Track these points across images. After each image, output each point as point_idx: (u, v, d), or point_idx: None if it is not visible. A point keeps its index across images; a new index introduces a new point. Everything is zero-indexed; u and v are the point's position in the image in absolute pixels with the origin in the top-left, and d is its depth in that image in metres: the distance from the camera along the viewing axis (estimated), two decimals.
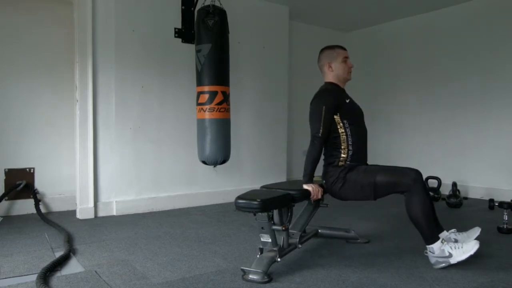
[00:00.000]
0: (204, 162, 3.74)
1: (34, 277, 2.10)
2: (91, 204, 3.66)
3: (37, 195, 3.77)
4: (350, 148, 2.50)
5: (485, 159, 4.48)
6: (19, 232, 3.09)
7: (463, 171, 4.63)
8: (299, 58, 5.51)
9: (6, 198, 3.66)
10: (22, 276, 2.16)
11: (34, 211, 3.67)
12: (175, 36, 4.09)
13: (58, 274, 2.22)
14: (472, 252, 2.24)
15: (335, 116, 2.50)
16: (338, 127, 2.50)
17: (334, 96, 2.54)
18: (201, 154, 3.69)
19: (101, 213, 3.70)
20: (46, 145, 3.87)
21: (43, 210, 3.74)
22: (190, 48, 4.05)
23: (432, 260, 2.29)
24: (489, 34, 4.46)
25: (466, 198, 4.43)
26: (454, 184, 4.23)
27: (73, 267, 2.34)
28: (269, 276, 2.12)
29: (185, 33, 4.14)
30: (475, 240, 2.29)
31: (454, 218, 3.57)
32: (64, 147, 3.93)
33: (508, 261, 2.42)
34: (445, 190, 4.36)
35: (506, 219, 3.07)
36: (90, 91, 3.64)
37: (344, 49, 2.66)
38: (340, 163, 2.50)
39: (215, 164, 3.73)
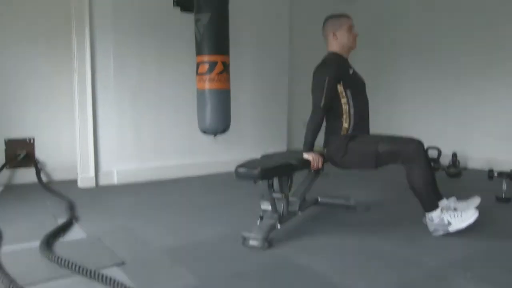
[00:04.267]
0: (204, 132, 3.73)
1: (37, 243, 2.12)
2: (92, 173, 3.67)
3: (38, 164, 3.78)
4: (352, 118, 2.49)
5: (486, 130, 4.47)
6: (21, 201, 3.12)
7: (463, 142, 4.63)
8: (301, 28, 5.40)
9: (7, 167, 3.67)
10: (25, 242, 2.19)
11: (35, 180, 3.69)
12: (174, 5, 4.01)
13: (61, 240, 2.25)
14: (471, 221, 2.26)
15: (338, 85, 2.47)
16: (341, 97, 2.48)
17: (337, 67, 2.50)
18: (201, 124, 3.67)
19: (102, 182, 3.73)
20: (46, 115, 3.85)
21: (44, 179, 3.76)
22: (190, 17, 3.96)
23: (431, 228, 2.32)
24: (493, 2, 4.36)
25: (465, 169, 4.45)
26: (454, 155, 4.24)
27: (76, 233, 2.37)
28: (269, 243, 2.15)
29: (184, 2, 4.04)
30: (474, 209, 2.31)
31: (453, 188, 3.58)
32: (64, 117, 3.90)
33: (504, 229, 2.45)
34: (445, 161, 4.38)
35: (505, 188, 3.10)
36: (88, 60, 3.60)
37: (349, 17, 2.61)
38: (342, 133, 2.50)
39: (215, 133, 3.73)
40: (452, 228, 2.27)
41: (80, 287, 1.68)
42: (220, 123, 3.64)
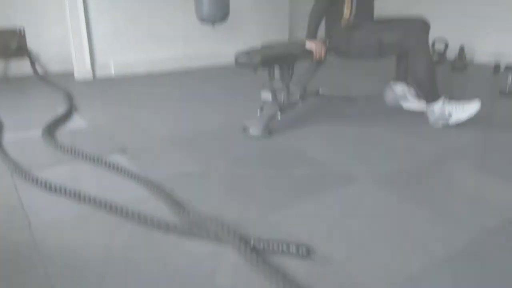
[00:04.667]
0: (202, 21, 3.56)
1: (39, 132, 2.13)
2: (88, 65, 3.58)
3: (31, 55, 3.65)
4: (354, 5, 2.36)
5: (496, 23, 4.26)
6: (19, 92, 3.09)
7: (471, 35, 4.44)
8: None
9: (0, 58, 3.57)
10: (27, 131, 2.20)
11: (31, 72, 3.60)
12: None
13: (62, 129, 2.26)
14: (472, 111, 2.25)
15: None
16: None
17: None
18: (199, 12, 3.49)
19: (99, 74, 3.65)
20: (33, 3, 3.60)
21: (39, 72, 3.67)
22: None
23: (431, 119, 2.32)
24: None
25: (472, 63, 4.34)
26: (461, 48, 4.10)
27: (76, 123, 2.38)
28: (269, 132, 2.16)
29: None
30: (477, 100, 2.28)
31: (458, 81, 3.53)
32: (53, 5, 3.66)
33: (505, 121, 2.45)
34: (452, 56, 4.25)
35: (510, 82, 3.04)
36: None
37: None
38: (343, 22, 2.38)
39: (213, 22, 3.56)
40: (452, 120, 2.27)
41: (83, 171, 1.72)
42: (218, 11, 3.47)
